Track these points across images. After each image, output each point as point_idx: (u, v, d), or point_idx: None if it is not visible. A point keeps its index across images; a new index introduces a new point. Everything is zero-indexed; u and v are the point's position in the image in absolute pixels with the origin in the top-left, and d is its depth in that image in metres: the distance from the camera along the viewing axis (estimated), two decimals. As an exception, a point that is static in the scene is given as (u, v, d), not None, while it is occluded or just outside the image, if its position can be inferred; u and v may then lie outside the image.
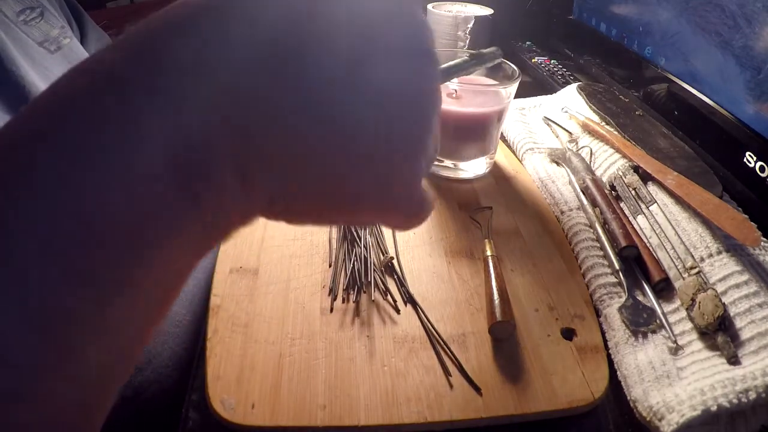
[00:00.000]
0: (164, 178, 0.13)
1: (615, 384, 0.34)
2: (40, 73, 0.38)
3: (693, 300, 0.35)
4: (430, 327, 0.35)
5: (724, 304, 0.34)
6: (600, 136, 0.55)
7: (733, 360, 0.32)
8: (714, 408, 0.28)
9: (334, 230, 0.43)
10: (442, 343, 0.34)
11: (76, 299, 0.12)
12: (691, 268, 0.38)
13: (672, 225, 0.42)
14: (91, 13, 0.54)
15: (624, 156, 0.51)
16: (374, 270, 0.39)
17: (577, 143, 0.57)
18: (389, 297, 0.37)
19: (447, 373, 0.33)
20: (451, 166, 0.52)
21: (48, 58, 0.40)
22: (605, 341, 0.36)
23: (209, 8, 0.14)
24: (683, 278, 0.38)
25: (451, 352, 0.34)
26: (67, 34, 0.43)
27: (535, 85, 0.78)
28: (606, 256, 0.41)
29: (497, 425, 0.31)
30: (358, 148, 0.16)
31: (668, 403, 0.30)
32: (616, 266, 0.40)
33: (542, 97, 0.69)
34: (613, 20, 0.72)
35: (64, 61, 0.41)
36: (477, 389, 0.32)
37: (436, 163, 0.53)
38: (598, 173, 0.51)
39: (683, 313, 0.36)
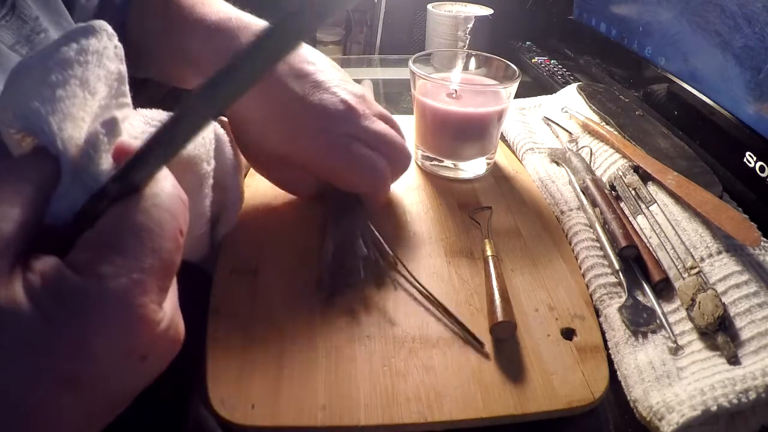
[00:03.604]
0: None
1: (615, 384, 0.34)
2: None
3: (693, 300, 0.35)
4: (419, 285, 0.37)
5: (724, 304, 0.34)
6: (600, 136, 0.55)
7: (733, 360, 0.32)
8: (714, 408, 0.28)
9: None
10: (436, 301, 0.36)
11: None
12: (691, 268, 0.38)
13: (672, 225, 0.42)
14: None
15: (624, 156, 0.51)
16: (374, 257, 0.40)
17: (577, 143, 0.57)
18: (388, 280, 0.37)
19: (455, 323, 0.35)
20: (451, 166, 0.52)
21: None
22: (605, 341, 0.36)
23: None
24: (683, 278, 0.38)
25: (448, 311, 0.36)
26: (41, 26, 0.37)
27: (535, 85, 0.78)
28: (606, 256, 0.41)
29: (497, 425, 0.31)
30: None
31: (668, 403, 0.30)
32: (616, 266, 0.40)
33: (542, 97, 0.69)
34: (613, 20, 0.72)
35: None
36: (479, 343, 0.34)
37: (436, 162, 0.53)
38: (598, 173, 0.51)
39: (683, 313, 0.36)
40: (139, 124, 0.25)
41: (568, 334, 0.36)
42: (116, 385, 0.19)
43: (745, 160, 0.47)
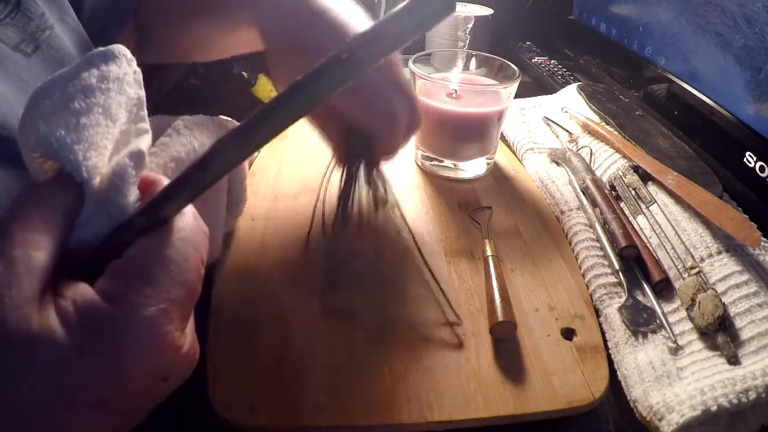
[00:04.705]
0: None
1: (615, 384, 0.34)
2: (13, 86, 0.32)
3: (693, 300, 0.35)
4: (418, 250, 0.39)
5: (724, 304, 0.34)
6: (600, 136, 0.55)
7: (733, 360, 0.32)
8: (714, 408, 0.28)
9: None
10: (429, 270, 0.38)
11: None
12: (691, 268, 0.38)
13: (672, 225, 0.42)
14: None
15: (624, 156, 0.51)
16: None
17: (577, 143, 0.57)
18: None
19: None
20: (451, 166, 0.52)
21: (23, 65, 0.33)
22: (605, 341, 0.36)
23: None
24: (683, 278, 0.38)
25: (436, 279, 0.38)
26: (47, 23, 0.36)
27: (535, 85, 0.78)
28: (606, 256, 0.41)
29: (497, 425, 0.31)
30: None
31: (668, 403, 0.30)
32: (616, 266, 0.40)
33: (542, 97, 0.69)
34: (613, 20, 0.72)
35: (41, 65, 0.34)
36: (459, 319, 0.36)
37: (436, 162, 0.53)
38: (598, 173, 0.51)
39: (683, 313, 0.36)
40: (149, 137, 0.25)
41: (568, 334, 0.36)
42: (140, 401, 0.20)
43: (745, 160, 0.47)
